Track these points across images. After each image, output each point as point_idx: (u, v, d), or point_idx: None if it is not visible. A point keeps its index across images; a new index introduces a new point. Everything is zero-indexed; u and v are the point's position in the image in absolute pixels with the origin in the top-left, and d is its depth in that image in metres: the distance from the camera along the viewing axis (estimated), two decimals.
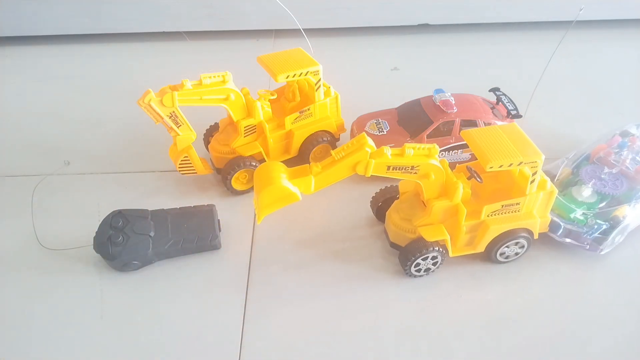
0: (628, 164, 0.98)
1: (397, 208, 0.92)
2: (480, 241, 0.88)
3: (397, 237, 0.92)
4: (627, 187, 0.95)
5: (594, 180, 0.96)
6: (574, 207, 0.93)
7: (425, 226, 0.88)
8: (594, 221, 0.92)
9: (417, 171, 0.82)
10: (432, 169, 0.82)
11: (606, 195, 0.94)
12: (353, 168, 0.80)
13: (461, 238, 0.88)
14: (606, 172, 0.97)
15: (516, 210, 0.87)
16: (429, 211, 0.86)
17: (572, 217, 0.93)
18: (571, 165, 1.01)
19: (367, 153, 0.78)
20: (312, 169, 0.81)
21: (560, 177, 1.00)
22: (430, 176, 0.82)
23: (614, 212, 0.92)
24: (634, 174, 0.97)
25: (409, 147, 0.80)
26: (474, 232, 0.88)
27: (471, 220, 0.86)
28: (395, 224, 0.91)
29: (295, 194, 0.79)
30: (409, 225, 0.89)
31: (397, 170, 0.81)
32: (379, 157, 0.79)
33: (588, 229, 0.92)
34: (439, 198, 0.85)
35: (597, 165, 0.99)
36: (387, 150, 0.79)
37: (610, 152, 1.00)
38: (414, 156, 0.80)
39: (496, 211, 0.86)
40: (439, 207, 0.86)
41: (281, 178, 0.79)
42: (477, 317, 0.85)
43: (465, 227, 0.87)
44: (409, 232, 0.90)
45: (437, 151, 0.82)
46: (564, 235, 0.92)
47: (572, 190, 0.96)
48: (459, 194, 0.83)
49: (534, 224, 0.89)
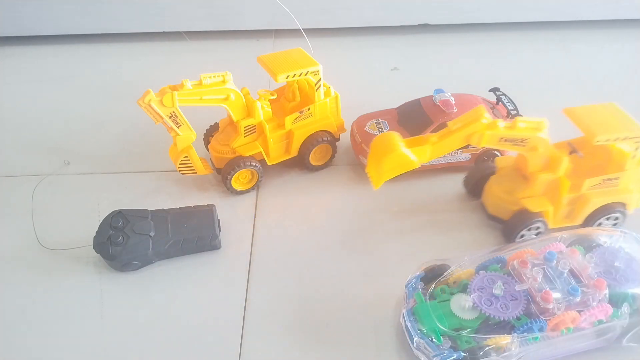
0: (538, 284, 0.73)
1: (497, 181, 0.97)
2: (579, 214, 0.93)
3: (498, 210, 0.96)
4: (520, 311, 0.72)
5: (479, 292, 0.74)
6: (435, 320, 0.73)
7: (528, 198, 0.92)
8: (447, 345, 0.72)
9: (526, 144, 0.86)
10: (541, 142, 0.86)
11: (487, 316, 0.72)
12: (467, 139, 0.84)
13: (561, 210, 0.92)
14: (503, 287, 0.74)
15: (615, 185, 0.91)
16: (533, 183, 0.91)
17: (425, 330, 0.73)
18: (475, 264, 0.80)
19: (483, 124, 0.83)
20: (429, 138, 0.86)
21: (460, 274, 0.79)
22: (539, 149, 0.87)
23: (487, 340, 0.71)
24: (540, 297, 0.71)
25: (520, 120, 0.85)
26: (573, 204, 0.92)
27: (572, 193, 0.91)
28: (497, 196, 0.96)
29: (413, 161, 0.84)
30: (511, 197, 0.93)
31: (508, 142, 0.85)
32: (493, 129, 0.83)
33: (438, 353, 0.72)
34: (543, 171, 0.90)
35: (506, 276, 0.76)
36: (500, 123, 0.84)
37: (527, 263, 0.75)
38: (525, 129, 0.85)
39: (596, 185, 0.90)
40: (543, 180, 0.90)
41: (400, 146, 0.84)
42: None
43: (566, 199, 0.91)
44: (511, 204, 0.93)
45: (546, 125, 0.86)
46: (417, 348, 0.74)
47: (452, 299, 0.75)
48: (563, 166, 0.88)
49: (630, 198, 0.92)
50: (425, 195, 1.07)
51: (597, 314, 0.72)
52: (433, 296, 0.77)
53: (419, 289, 0.78)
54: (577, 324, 0.71)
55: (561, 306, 0.71)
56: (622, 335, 0.76)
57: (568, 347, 0.75)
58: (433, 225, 1.01)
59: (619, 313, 0.73)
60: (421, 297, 0.76)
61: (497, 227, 0.98)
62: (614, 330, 0.75)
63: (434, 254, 0.86)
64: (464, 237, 0.98)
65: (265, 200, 1.08)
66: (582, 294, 0.71)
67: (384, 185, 1.07)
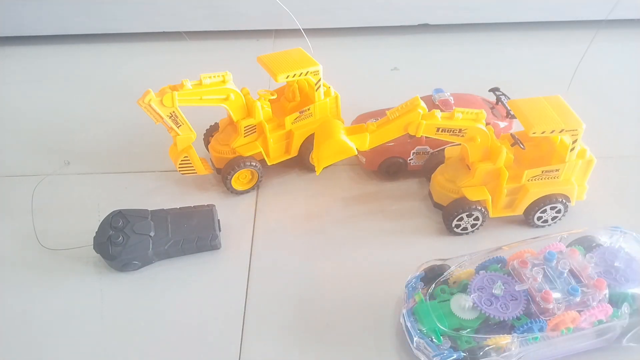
0: (538, 284, 0.73)
1: (442, 171, 0.99)
2: (519, 204, 0.94)
3: (441, 198, 0.98)
4: (520, 311, 0.71)
5: (479, 292, 0.74)
6: (435, 320, 0.73)
7: (468, 187, 0.94)
8: (447, 345, 0.72)
9: (464, 134, 0.88)
10: (479, 133, 0.88)
11: (487, 316, 0.72)
12: (405, 128, 0.86)
13: (502, 200, 0.94)
14: (503, 287, 0.73)
15: (555, 176, 0.92)
16: (473, 173, 0.92)
17: (425, 330, 0.73)
18: (475, 264, 0.80)
19: (419, 114, 0.84)
20: (368, 127, 0.88)
21: (460, 274, 0.79)
22: (476, 139, 0.88)
23: (487, 340, 0.71)
24: (540, 297, 0.71)
25: (458, 111, 0.86)
26: (514, 195, 0.94)
27: (512, 183, 0.92)
28: (440, 184, 0.98)
29: (352, 148, 0.86)
30: (453, 186, 0.95)
31: (446, 133, 0.87)
32: (430, 119, 0.85)
33: (437, 353, 0.72)
34: (483, 161, 0.91)
35: (506, 276, 0.76)
36: (437, 113, 0.85)
37: (527, 263, 0.75)
38: (463, 119, 0.86)
39: (536, 176, 0.91)
40: (483, 170, 0.92)
41: (340, 133, 0.86)
42: None
43: (506, 189, 0.93)
44: (453, 193, 0.96)
45: (484, 116, 0.87)
46: (417, 348, 0.75)
47: (452, 299, 0.75)
48: (502, 157, 0.89)
49: (571, 190, 0.93)
50: (426, 195, 1.07)
51: (597, 314, 0.72)
52: (433, 296, 0.77)
53: (419, 289, 0.79)
54: (577, 324, 0.71)
55: (561, 306, 0.71)
56: (622, 335, 0.76)
57: (568, 347, 0.76)
58: (433, 225, 1.01)
59: (619, 313, 0.73)
60: (421, 297, 0.76)
61: (494, 227, 0.98)
62: (614, 330, 0.75)
63: (434, 254, 0.86)
64: (464, 238, 0.98)
65: (265, 200, 1.08)
66: (582, 294, 0.71)
67: (384, 185, 1.07)
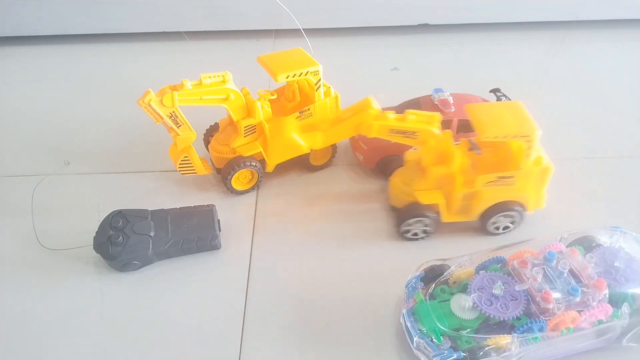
0: (538, 284, 0.72)
1: (399, 173, 0.98)
2: (474, 210, 0.92)
3: (396, 200, 0.98)
4: (520, 311, 0.71)
5: (479, 292, 0.74)
6: (435, 320, 0.73)
7: (421, 191, 0.92)
8: (447, 345, 0.71)
9: (416, 136, 0.87)
10: (431, 136, 0.87)
11: (487, 316, 0.71)
12: (357, 128, 0.86)
13: (456, 205, 0.92)
14: (503, 287, 0.73)
15: (510, 183, 0.90)
16: (427, 176, 0.90)
17: (425, 330, 0.73)
18: (475, 264, 0.80)
19: (370, 114, 0.85)
20: (321, 126, 0.88)
21: (460, 274, 0.79)
22: (429, 142, 0.87)
23: (487, 340, 0.70)
24: (540, 297, 0.70)
25: (411, 113, 0.86)
26: (469, 200, 0.92)
27: (467, 188, 0.90)
28: (396, 187, 0.96)
29: (302, 145, 0.88)
30: (407, 189, 0.94)
31: (398, 134, 0.86)
32: (381, 120, 0.85)
33: (437, 353, 0.71)
34: (436, 164, 0.90)
35: (506, 276, 0.75)
36: (390, 115, 0.84)
37: (527, 263, 0.74)
38: (415, 122, 0.86)
39: (491, 182, 0.89)
40: (436, 173, 0.90)
41: (291, 131, 0.87)
42: None
43: (461, 194, 0.90)
44: (407, 195, 0.94)
45: (438, 119, 0.86)
46: (417, 348, 0.74)
47: (452, 299, 0.75)
48: (456, 161, 0.88)
49: (526, 198, 0.91)
50: None
51: (597, 314, 0.71)
52: (433, 296, 0.77)
53: (419, 289, 0.78)
54: (577, 324, 0.71)
55: (561, 306, 0.71)
56: (622, 335, 0.76)
57: (568, 347, 0.75)
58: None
59: (619, 313, 0.73)
60: (421, 297, 0.76)
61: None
62: (614, 330, 0.75)
63: (434, 253, 0.86)
64: (464, 239, 0.98)
65: (265, 200, 1.08)
66: (582, 294, 0.71)
67: (384, 184, 1.07)
